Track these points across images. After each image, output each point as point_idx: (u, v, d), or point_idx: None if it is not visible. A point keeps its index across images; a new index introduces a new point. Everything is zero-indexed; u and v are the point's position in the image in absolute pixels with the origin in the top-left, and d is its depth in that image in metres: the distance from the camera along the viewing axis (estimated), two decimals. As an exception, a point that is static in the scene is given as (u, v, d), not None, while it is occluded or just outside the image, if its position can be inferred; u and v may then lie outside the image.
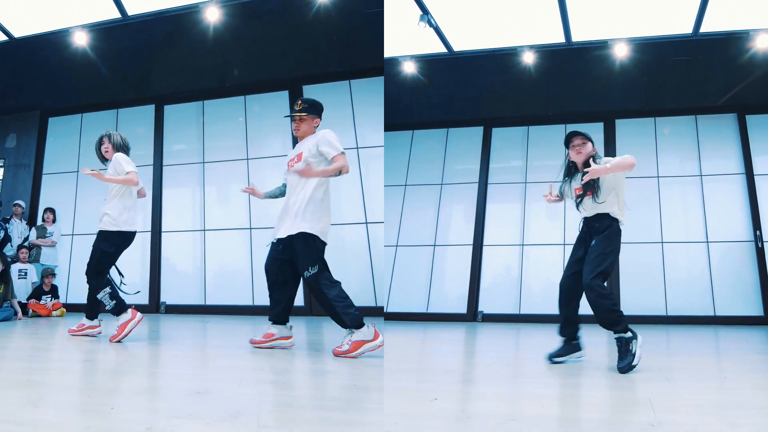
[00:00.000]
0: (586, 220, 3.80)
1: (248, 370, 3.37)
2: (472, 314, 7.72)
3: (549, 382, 3.30)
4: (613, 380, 3.24)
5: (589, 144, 3.80)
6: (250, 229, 7.43)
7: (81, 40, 7.00)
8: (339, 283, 3.75)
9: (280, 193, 4.15)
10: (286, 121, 7.11)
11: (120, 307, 4.39)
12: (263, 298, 6.96)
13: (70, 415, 2.33)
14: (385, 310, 7.51)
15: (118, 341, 4.33)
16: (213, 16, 6.67)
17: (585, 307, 3.72)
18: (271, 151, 7.49)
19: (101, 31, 6.96)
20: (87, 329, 4.64)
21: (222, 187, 7.66)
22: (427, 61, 7.82)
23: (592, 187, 3.70)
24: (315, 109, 3.95)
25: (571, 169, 3.91)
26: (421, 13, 6.76)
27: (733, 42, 6.61)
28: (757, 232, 7.19)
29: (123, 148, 4.68)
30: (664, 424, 2.28)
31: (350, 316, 3.65)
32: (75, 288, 7.46)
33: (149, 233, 7.67)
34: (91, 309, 4.60)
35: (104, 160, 4.73)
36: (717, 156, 7.56)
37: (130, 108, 8.03)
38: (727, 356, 4.62)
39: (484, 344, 5.57)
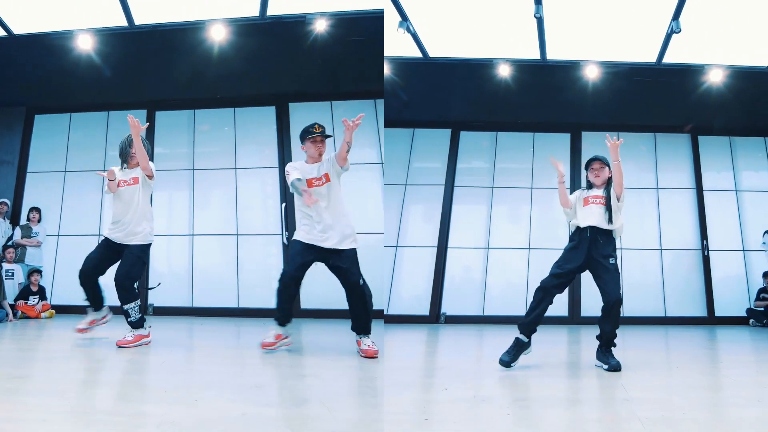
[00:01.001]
0: (591, 230, 4.31)
1: (285, 367, 4.06)
2: (435, 316, 8.25)
3: (541, 380, 4.15)
4: (587, 372, 4.13)
5: (607, 169, 4.50)
6: (237, 235, 8.03)
7: (85, 43, 7.31)
8: None
9: None
10: (268, 133, 8.04)
11: (142, 321, 4.88)
12: (248, 301, 7.72)
13: (164, 406, 2.98)
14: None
15: (121, 347, 4.70)
16: (219, 34, 7.22)
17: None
18: (255, 162, 8.19)
19: (100, 35, 7.32)
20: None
21: (208, 194, 8.19)
22: (402, 64, 8.40)
23: (609, 205, 4.35)
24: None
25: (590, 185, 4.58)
26: (401, 19, 7.47)
27: (690, 73, 7.83)
28: (704, 242, 8.43)
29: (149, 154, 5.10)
30: (636, 399, 3.18)
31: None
32: (60, 289, 7.85)
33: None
34: (98, 301, 5.03)
35: (125, 160, 5.04)
36: (672, 170, 8.77)
37: (122, 111, 8.15)
38: (676, 350, 5.67)
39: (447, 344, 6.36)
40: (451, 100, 8.91)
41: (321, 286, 6.39)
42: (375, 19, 6.92)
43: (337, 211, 4.47)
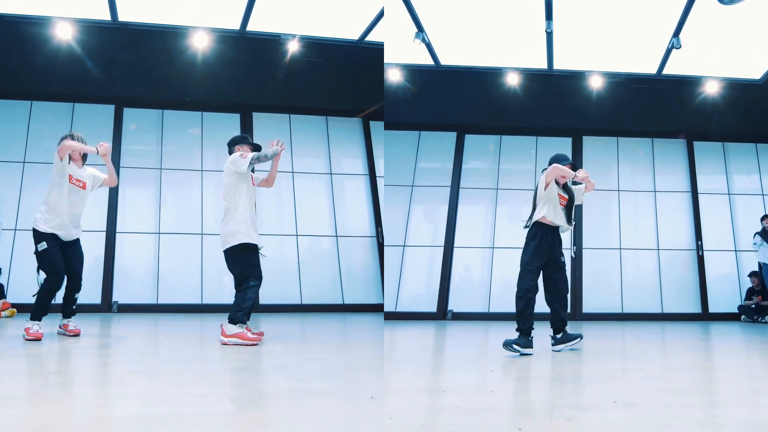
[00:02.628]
0: (552, 230, 4.78)
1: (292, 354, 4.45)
2: (442, 313, 8.47)
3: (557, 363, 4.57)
4: (609, 357, 4.56)
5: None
6: (202, 234, 8.21)
7: (64, 32, 7.12)
8: None
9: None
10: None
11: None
12: (211, 297, 7.96)
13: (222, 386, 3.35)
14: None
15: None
16: (201, 42, 7.56)
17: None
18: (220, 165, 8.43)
19: (81, 24, 7.18)
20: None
21: (177, 193, 8.33)
22: (414, 70, 8.70)
23: (569, 207, 4.87)
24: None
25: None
26: (417, 31, 7.83)
27: (687, 84, 8.33)
28: (699, 242, 8.85)
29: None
30: (652, 376, 3.60)
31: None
32: (17, 287, 7.36)
33: (104, 233, 7.91)
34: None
35: (73, 161, 4.96)
36: (668, 174, 9.18)
37: (89, 104, 8.16)
38: (672, 342, 6.10)
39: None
40: (458, 104, 9.14)
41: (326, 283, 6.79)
42: (345, 47, 7.78)
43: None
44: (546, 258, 4.74)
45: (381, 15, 7.33)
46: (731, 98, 8.38)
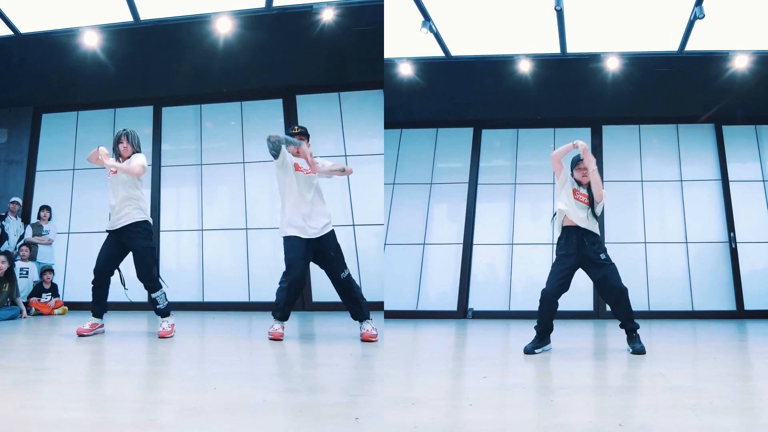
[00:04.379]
0: (575, 229, 4.55)
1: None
2: (463, 311, 8.25)
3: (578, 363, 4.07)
4: (628, 360, 4.04)
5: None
6: (246, 229, 8.06)
7: (91, 40, 7.36)
8: None
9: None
10: (276, 127, 8.05)
11: (169, 310, 5.14)
12: (258, 295, 7.73)
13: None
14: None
15: (163, 337, 4.93)
16: (224, 27, 7.15)
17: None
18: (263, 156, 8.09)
19: (106, 31, 7.34)
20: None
21: (216, 189, 8.23)
22: (424, 64, 8.45)
23: (591, 201, 4.54)
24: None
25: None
26: (423, 19, 7.44)
27: (713, 61, 7.61)
28: (731, 234, 8.20)
29: (139, 147, 5.13)
30: (676, 386, 3.07)
31: (367, 307, 4.69)
32: (72, 286, 7.87)
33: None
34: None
35: (119, 156, 5.03)
36: (696, 162, 8.56)
37: (128, 108, 8.44)
38: (703, 342, 5.52)
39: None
40: (472, 98, 8.89)
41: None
42: (377, 8, 6.74)
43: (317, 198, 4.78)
44: (577, 259, 4.56)
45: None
46: (763, 74, 7.65)
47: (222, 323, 6.29)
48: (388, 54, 7.94)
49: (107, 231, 5.02)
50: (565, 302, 7.98)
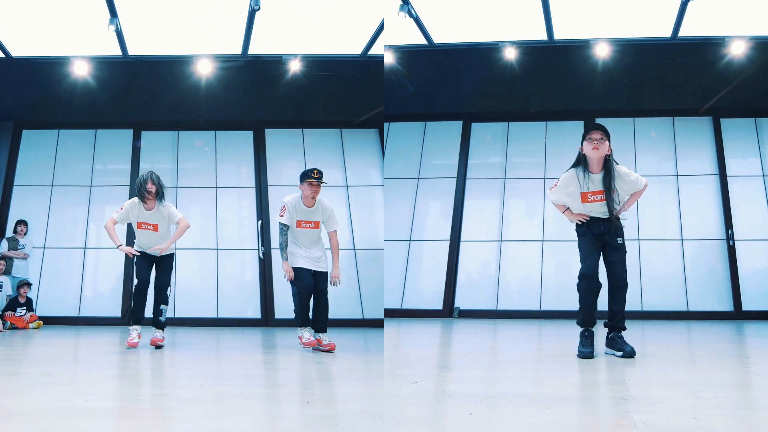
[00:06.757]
0: (601, 219, 4.05)
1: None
2: (449, 310, 7.98)
3: (531, 367, 3.62)
4: (590, 365, 3.58)
5: (607, 143, 3.98)
6: (216, 249, 8.16)
7: (81, 69, 7.86)
8: None
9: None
10: (246, 155, 8.58)
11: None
12: (227, 312, 7.88)
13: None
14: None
15: (159, 346, 5.26)
16: (205, 68, 8.00)
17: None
18: (236, 181, 8.56)
19: (95, 62, 7.87)
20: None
21: (191, 209, 8.20)
22: (406, 52, 8.07)
23: (611, 193, 4.00)
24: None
25: (581, 161, 4.08)
26: (402, 3, 7.04)
27: (709, 47, 7.19)
28: (729, 231, 7.74)
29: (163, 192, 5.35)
30: (637, 398, 2.61)
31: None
32: (46, 301, 7.87)
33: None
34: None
35: (143, 198, 5.16)
36: (692, 157, 8.13)
37: (109, 130, 8.63)
38: (698, 345, 5.06)
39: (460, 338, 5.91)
40: (460, 90, 8.59)
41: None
42: (342, 62, 7.96)
43: (319, 244, 5.20)
44: (601, 241, 4.08)
45: (381, 29, 7.06)
46: (761, 61, 7.18)
47: (191, 337, 6.33)
48: (368, 44, 7.64)
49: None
50: (560, 301, 7.61)
